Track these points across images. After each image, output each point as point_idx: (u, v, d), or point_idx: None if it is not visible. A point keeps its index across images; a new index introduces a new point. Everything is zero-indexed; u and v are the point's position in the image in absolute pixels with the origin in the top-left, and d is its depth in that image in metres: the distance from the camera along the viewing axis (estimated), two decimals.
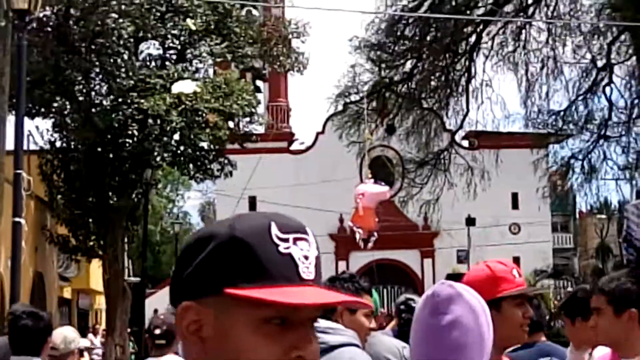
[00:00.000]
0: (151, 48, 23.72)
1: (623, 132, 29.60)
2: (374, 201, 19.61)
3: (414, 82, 29.70)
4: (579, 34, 29.46)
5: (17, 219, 11.41)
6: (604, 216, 46.32)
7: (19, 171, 11.43)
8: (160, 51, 23.69)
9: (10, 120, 13.48)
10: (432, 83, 30.34)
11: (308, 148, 43.96)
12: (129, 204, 24.30)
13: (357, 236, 19.73)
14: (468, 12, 27.11)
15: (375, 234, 19.69)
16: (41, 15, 18.25)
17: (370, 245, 19.23)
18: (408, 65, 30.09)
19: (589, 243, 52.92)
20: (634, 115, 28.78)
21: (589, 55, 29.71)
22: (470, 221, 36.72)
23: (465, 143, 39.87)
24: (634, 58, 27.70)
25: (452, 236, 39.81)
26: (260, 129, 32.42)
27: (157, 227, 49.53)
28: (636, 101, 28.26)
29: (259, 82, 36.10)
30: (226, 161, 24.27)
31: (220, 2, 20.20)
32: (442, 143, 31.59)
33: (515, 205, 42.77)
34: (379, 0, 27.75)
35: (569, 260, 48.78)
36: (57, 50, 21.18)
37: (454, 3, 27.38)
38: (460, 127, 31.84)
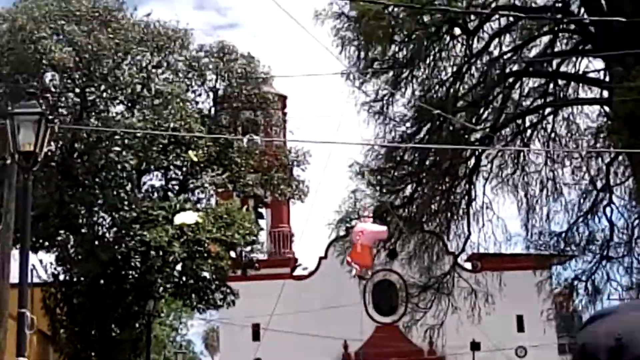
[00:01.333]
0: (154, 179, 24.01)
1: (625, 253, 29.55)
2: (372, 239, 19.60)
3: (414, 206, 29.81)
4: (577, 155, 29.71)
5: (20, 359, 11.33)
6: None
7: (23, 310, 11.40)
8: (163, 182, 23.98)
9: (14, 255, 13.54)
10: (433, 207, 30.42)
11: (311, 273, 43.80)
12: (132, 336, 24.17)
13: (353, 272, 19.68)
14: (466, 136, 27.37)
15: (369, 272, 19.63)
16: (45, 149, 18.52)
17: (366, 278, 19.24)
18: (408, 189, 30.26)
19: None
20: (635, 236, 28.78)
21: (587, 177, 29.87)
22: (475, 346, 36.33)
23: (468, 265, 39.77)
24: (631, 179, 27.88)
25: None
26: (263, 256, 32.44)
27: (160, 356, 48.99)
28: (637, 222, 28.29)
29: (261, 209, 36.27)
30: (228, 290, 24.24)
31: (220, 136, 20.48)
32: (444, 266, 31.49)
33: (520, 328, 42.30)
34: (377, 127, 28.07)
35: None
36: (62, 185, 21.44)
37: (451, 128, 27.73)
38: (463, 250, 31.75)
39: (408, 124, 27.81)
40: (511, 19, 27.39)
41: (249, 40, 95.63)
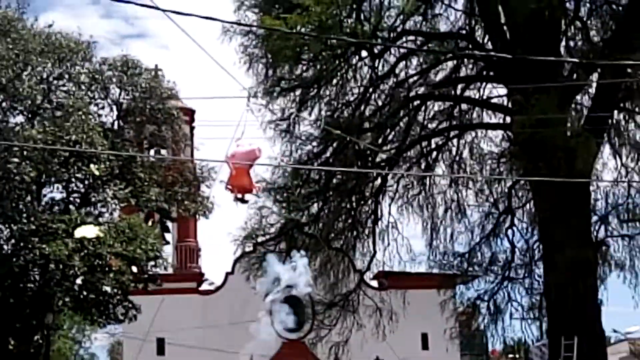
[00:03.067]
0: (54, 192, 23.80)
1: (526, 274, 30.27)
2: (245, 159, 19.09)
3: (320, 223, 30.04)
4: (480, 178, 30.36)
5: None
6: (516, 356, 46.71)
7: None
8: (64, 194, 23.77)
9: None
10: (339, 225, 30.70)
11: (218, 288, 43.68)
12: (30, 349, 23.88)
13: (233, 197, 19.21)
14: (370, 157, 27.71)
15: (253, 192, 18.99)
16: None
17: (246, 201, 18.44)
18: (315, 207, 30.48)
19: None
20: (535, 258, 29.49)
21: (491, 199, 30.54)
22: None
23: (375, 283, 40.19)
24: (532, 202, 28.60)
25: None
26: (169, 270, 32.32)
27: None
28: (536, 244, 29.00)
29: (167, 223, 36.14)
30: (130, 305, 24.13)
31: (121, 154, 20.44)
32: (351, 284, 31.75)
33: (425, 346, 42.84)
34: (284, 145, 28.18)
35: None
36: None
37: (357, 148, 28.04)
38: (368, 268, 32.07)
39: (315, 143, 28.05)
40: (418, 42, 27.98)
41: (157, 51, 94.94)
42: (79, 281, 22.32)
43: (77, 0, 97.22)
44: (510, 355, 48.77)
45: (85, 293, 22.79)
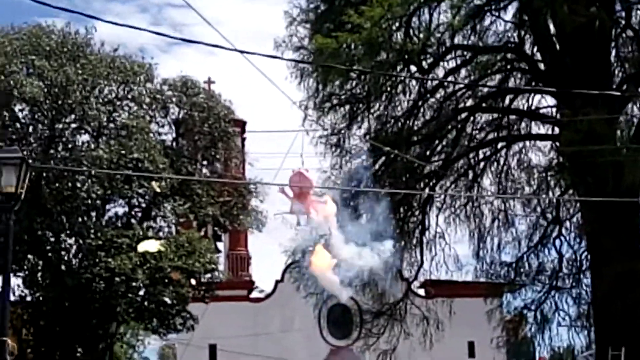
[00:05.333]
0: (117, 207, 24.71)
1: (573, 284, 30.42)
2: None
3: (368, 236, 30.35)
4: (529, 187, 30.59)
5: None
6: None
7: (4, 338, 12.32)
8: (126, 209, 24.66)
9: None
10: (387, 235, 31.01)
11: (267, 296, 44.44)
12: (94, 357, 24.76)
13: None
14: (418, 170, 28.13)
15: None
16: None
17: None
18: (363, 219, 30.89)
19: None
20: (583, 267, 29.63)
21: (539, 209, 30.73)
22: None
23: (422, 292, 40.63)
24: (579, 213, 28.85)
25: None
26: (221, 278, 33.01)
27: None
28: (584, 254, 29.18)
29: (219, 233, 36.92)
30: (188, 315, 24.96)
31: (182, 177, 21.16)
32: (398, 293, 32.06)
33: (472, 354, 43.24)
34: (334, 158, 28.59)
35: None
36: (30, 212, 22.06)
37: (405, 160, 28.48)
38: (415, 277, 32.42)
39: (364, 156, 28.55)
40: (466, 56, 28.37)
41: (204, 57, 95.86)
42: (141, 293, 23.16)
43: (126, 8, 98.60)
44: None
45: (146, 304, 23.63)
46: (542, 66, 27.79)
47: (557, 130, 28.20)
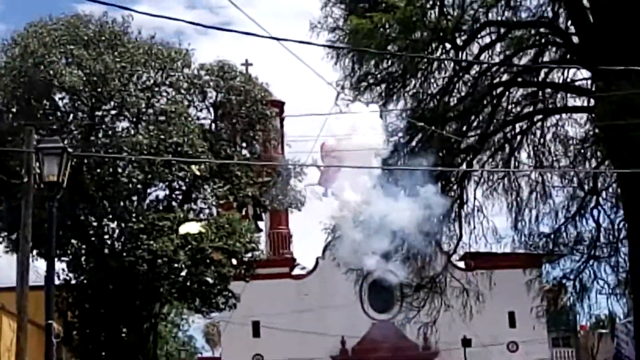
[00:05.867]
0: (158, 191, 25.20)
1: (611, 253, 30.54)
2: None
3: (407, 211, 30.66)
4: (565, 159, 30.68)
5: None
6: (606, 330, 47.03)
7: (50, 322, 12.91)
8: (167, 192, 25.15)
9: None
10: (427, 211, 31.29)
11: (309, 273, 44.95)
12: (139, 337, 25.39)
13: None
14: (455, 145, 28.34)
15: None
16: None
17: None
18: (402, 194, 31.15)
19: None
20: (620, 237, 29.73)
21: (575, 180, 30.84)
22: (466, 342, 37.51)
23: (462, 264, 40.92)
24: (616, 184, 28.94)
25: (452, 356, 40.51)
26: (263, 256, 33.50)
27: (163, 351, 50.21)
28: (622, 223, 29.27)
29: (260, 212, 37.35)
30: (230, 294, 25.46)
31: (222, 162, 21.55)
32: (438, 266, 32.31)
33: (512, 324, 43.50)
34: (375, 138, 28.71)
35: None
36: (73, 198, 22.60)
37: (441, 136, 28.63)
38: (455, 251, 32.67)
39: (400, 134, 28.80)
40: (501, 32, 28.46)
41: (242, 39, 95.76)
42: (183, 274, 23.67)
43: None
44: (600, 330, 49.09)
45: (189, 284, 24.17)
46: (576, 40, 27.87)
47: (592, 102, 28.28)
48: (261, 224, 41.47)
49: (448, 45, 27.47)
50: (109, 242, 24.73)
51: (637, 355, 25.12)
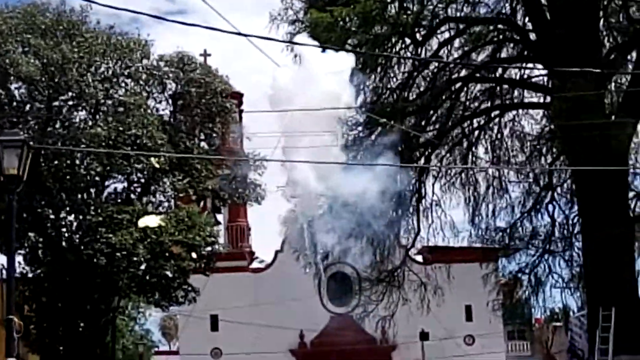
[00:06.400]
0: (117, 183, 25.07)
1: (566, 247, 31.00)
2: None
3: (365, 205, 30.84)
4: (522, 155, 31.06)
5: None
6: (560, 324, 47.60)
7: (11, 317, 12.82)
8: (125, 184, 25.03)
9: None
10: (384, 204, 31.50)
11: (268, 266, 44.96)
12: (97, 330, 25.26)
13: None
14: (414, 140, 28.52)
15: None
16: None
17: None
18: (360, 187, 31.23)
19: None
20: (575, 231, 30.17)
21: (531, 175, 31.23)
22: (424, 336, 37.80)
23: (419, 258, 41.22)
24: (571, 179, 29.36)
25: (409, 349, 40.78)
26: (221, 249, 33.41)
27: (119, 345, 49.89)
28: (576, 218, 29.71)
29: (218, 205, 37.28)
30: (190, 288, 25.43)
31: (182, 155, 21.54)
32: (397, 260, 32.49)
33: (469, 318, 43.89)
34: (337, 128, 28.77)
35: None
36: (30, 190, 22.39)
37: (400, 130, 28.75)
38: (413, 244, 32.90)
39: (360, 128, 28.91)
40: (460, 28, 28.67)
41: (198, 29, 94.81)
42: (142, 267, 23.58)
43: None
44: (554, 324, 49.68)
45: (148, 278, 24.09)
46: (533, 36, 28.19)
47: (549, 98, 28.65)
48: (220, 217, 41.40)
49: (408, 40, 27.67)
50: (66, 235, 24.55)
51: (590, 348, 25.48)
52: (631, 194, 28.02)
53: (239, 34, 10.39)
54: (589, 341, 25.83)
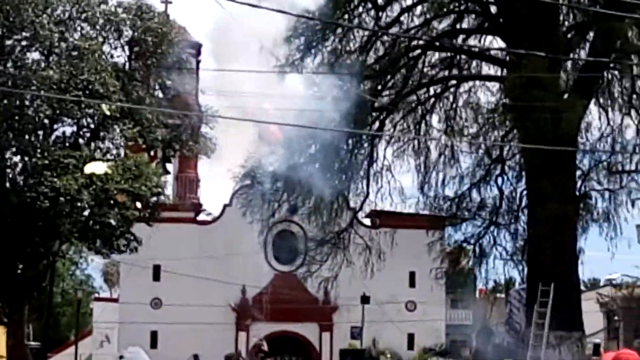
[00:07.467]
0: (65, 127, 24.77)
1: (512, 221, 31.35)
2: None
3: (316, 164, 30.89)
4: (475, 126, 31.26)
5: None
6: (503, 295, 48.24)
7: None
8: (75, 129, 24.76)
9: None
10: (336, 165, 31.58)
11: (214, 219, 44.83)
12: (36, 274, 25.08)
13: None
14: (369, 104, 28.52)
15: None
16: None
17: None
18: (312, 148, 31.29)
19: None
20: (522, 206, 30.50)
21: (483, 147, 31.45)
22: (365, 299, 38.08)
23: (368, 222, 41.43)
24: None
25: (350, 311, 41.08)
26: (168, 200, 33.25)
27: (59, 288, 49.61)
28: (524, 192, 30.01)
29: (168, 154, 36.98)
30: (132, 237, 25.30)
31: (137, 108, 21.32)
32: (343, 222, 32.60)
33: (412, 284, 44.26)
34: (288, 89, 28.78)
35: (468, 337, 50.42)
36: None
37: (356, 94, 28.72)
38: (361, 208, 33.05)
39: (316, 88, 28.82)
40: None
41: None
42: (85, 213, 23.40)
43: None
44: (496, 295, 50.36)
45: (91, 224, 23.91)
46: (494, 9, 28.27)
47: (505, 72, 28.78)
48: (169, 167, 41.12)
49: (369, 4, 27.61)
50: (10, 176, 24.24)
51: (527, 322, 25.88)
52: (578, 173, 28.43)
53: None
54: (527, 315, 26.23)
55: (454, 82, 30.94)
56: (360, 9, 28.01)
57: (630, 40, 26.62)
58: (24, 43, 23.76)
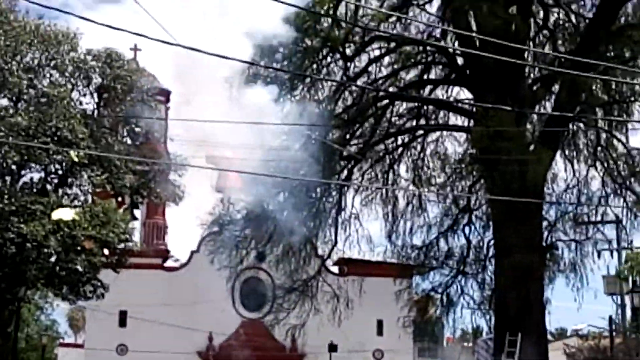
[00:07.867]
0: (33, 173, 24.75)
1: (479, 270, 31.55)
2: None
3: (284, 213, 31.02)
4: (443, 175, 31.54)
5: None
6: (470, 344, 48.32)
7: None
8: (42, 175, 24.72)
9: None
10: (304, 213, 31.69)
11: (182, 266, 44.69)
12: (1, 320, 24.88)
13: None
14: (337, 153, 28.71)
15: None
16: None
17: None
18: (281, 196, 31.42)
19: None
20: (489, 255, 30.71)
21: (451, 196, 31.70)
22: (333, 347, 38.03)
23: (336, 269, 41.48)
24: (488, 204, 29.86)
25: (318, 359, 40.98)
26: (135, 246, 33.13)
27: (23, 333, 49.04)
28: (491, 242, 30.22)
29: (136, 201, 36.94)
30: (99, 284, 25.22)
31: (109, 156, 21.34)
32: (311, 270, 32.62)
33: (380, 332, 44.24)
34: (253, 138, 28.94)
35: None
36: None
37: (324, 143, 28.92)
38: (329, 255, 33.16)
39: (284, 137, 29.00)
40: (391, 45, 28.97)
41: (131, 16, 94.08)
42: (52, 259, 23.31)
43: None
44: (465, 344, 50.46)
45: (58, 271, 23.81)
46: (461, 61, 28.66)
47: (472, 122, 29.13)
48: (137, 213, 41.04)
49: (337, 55, 27.88)
50: None
51: None
52: (545, 223, 28.71)
53: (164, 42, 10.31)
54: None
55: (421, 132, 31.23)
56: (329, 59, 28.30)
57: (594, 93, 27.16)
58: None
